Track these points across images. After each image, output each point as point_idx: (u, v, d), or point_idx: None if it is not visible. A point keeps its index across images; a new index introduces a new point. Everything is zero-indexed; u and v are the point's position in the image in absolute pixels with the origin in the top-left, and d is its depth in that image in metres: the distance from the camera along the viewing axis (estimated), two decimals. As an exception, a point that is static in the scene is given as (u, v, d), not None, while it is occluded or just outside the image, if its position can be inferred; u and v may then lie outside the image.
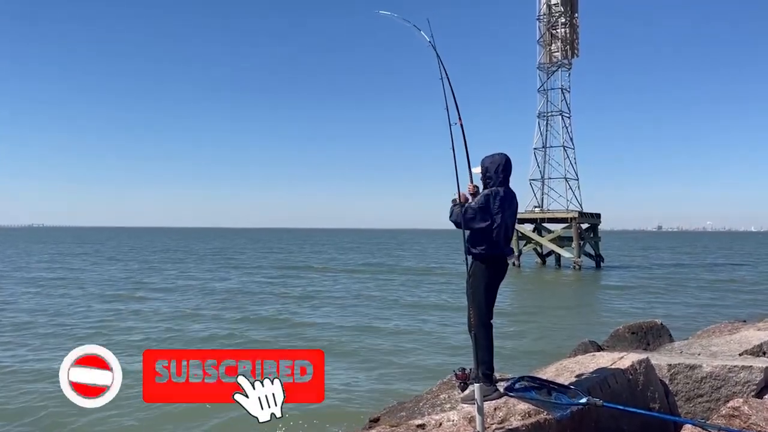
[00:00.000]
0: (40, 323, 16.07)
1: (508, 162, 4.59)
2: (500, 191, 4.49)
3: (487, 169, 4.56)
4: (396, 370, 11.12)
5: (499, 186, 4.53)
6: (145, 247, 75.34)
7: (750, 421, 4.19)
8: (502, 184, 4.55)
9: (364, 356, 12.28)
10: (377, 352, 12.65)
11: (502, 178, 4.54)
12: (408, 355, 12.45)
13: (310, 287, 26.88)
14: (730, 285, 30.11)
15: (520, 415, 4.21)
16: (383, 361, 11.79)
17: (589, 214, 42.53)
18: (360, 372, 10.92)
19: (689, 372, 5.63)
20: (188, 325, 16.24)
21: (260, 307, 19.89)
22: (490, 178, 4.55)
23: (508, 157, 4.62)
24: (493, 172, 4.53)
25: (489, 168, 4.55)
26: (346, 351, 12.79)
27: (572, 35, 42.81)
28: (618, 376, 5.11)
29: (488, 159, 4.60)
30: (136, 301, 21.27)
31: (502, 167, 4.53)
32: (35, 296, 22.29)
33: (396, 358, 12.05)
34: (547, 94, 43.54)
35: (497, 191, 4.48)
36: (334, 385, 9.98)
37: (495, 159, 4.57)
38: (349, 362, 11.66)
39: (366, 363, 11.65)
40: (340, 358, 11.86)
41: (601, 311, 20.38)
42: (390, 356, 12.26)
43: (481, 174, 4.60)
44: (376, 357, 12.20)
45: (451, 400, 4.59)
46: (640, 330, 9.06)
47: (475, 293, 4.44)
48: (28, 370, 10.71)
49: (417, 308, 20.06)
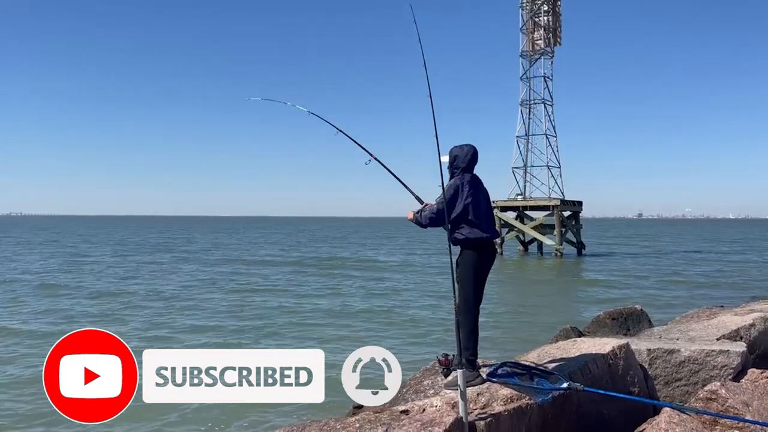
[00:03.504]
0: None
1: (475, 153, 4.75)
2: (467, 176, 4.63)
3: (456, 157, 4.69)
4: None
5: (464, 173, 4.67)
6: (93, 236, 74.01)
7: (727, 404, 4.26)
8: (467, 171, 4.70)
9: (346, 343, 12.31)
10: (356, 340, 12.67)
11: (467, 165, 4.69)
12: (388, 341, 12.49)
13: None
14: (710, 271, 30.60)
15: (503, 401, 4.25)
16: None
17: (570, 201, 42.88)
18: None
19: (668, 356, 5.73)
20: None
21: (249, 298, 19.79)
22: (457, 167, 4.69)
23: (476, 149, 4.78)
24: (461, 161, 4.67)
25: (458, 156, 4.69)
26: (329, 337, 12.81)
27: (555, 23, 42.88)
28: (599, 361, 5.18)
29: (457, 148, 4.75)
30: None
31: (470, 156, 4.69)
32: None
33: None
34: (529, 82, 43.66)
35: (463, 177, 4.63)
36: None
37: (464, 149, 4.72)
38: (331, 349, 11.68)
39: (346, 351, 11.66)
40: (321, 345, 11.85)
41: (583, 298, 20.61)
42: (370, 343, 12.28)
43: (448, 163, 4.72)
44: (355, 345, 12.21)
45: (435, 386, 4.62)
46: (621, 316, 9.18)
47: (464, 280, 4.48)
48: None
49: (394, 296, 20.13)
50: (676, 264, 35.32)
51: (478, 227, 4.49)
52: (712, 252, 48.01)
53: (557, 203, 40.42)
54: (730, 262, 37.26)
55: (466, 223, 4.49)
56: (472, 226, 4.49)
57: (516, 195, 43.87)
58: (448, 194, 4.47)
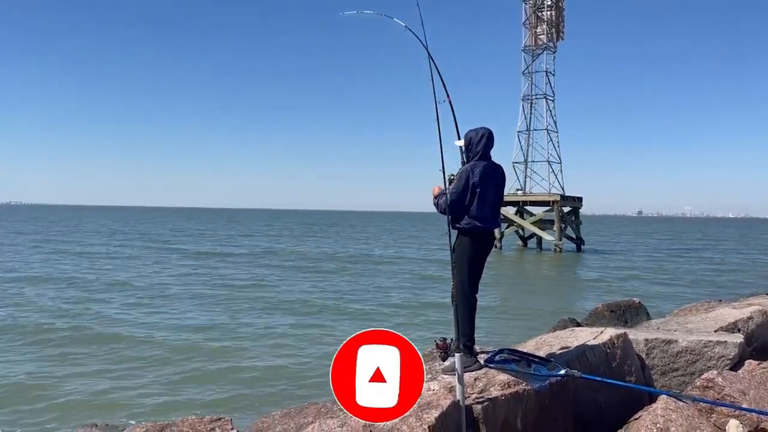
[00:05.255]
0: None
1: (491, 135, 4.65)
2: (478, 165, 4.51)
3: (470, 141, 4.60)
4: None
5: (479, 160, 4.56)
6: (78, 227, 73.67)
7: (724, 393, 4.27)
8: (483, 157, 4.58)
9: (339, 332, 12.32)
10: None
11: (483, 150, 4.58)
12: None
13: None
14: (709, 268, 30.63)
15: (500, 386, 4.24)
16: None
17: (570, 197, 42.86)
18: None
19: (665, 346, 5.73)
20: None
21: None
22: (471, 151, 4.61)
23: (492, 132, 4.68)
24: (475, 144, 4.58)
25: (473, 139, 4.60)
26: (329, 324, 12.85)
27: (558, 18, 42.77)
28: (596, 349, 5.18)
29: (472, 131, 4.66)
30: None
31: (485, 139, 4.58)
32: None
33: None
34: (531, 76, 43.61)
35: (474, 165, 4.50)
36: (314, 355, 10.13)
37: (479, 131, 4.63)
38: (329, 334, 11.71)
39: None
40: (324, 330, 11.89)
41: (581, 291, 20.64)
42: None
43: (464, 146, 4.65)
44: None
45: (432, 371, 4.60)
46: (619, 308, 9.19)
47: (460, 266, 4.45)
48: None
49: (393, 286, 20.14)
50: (675, 261, 35.35)
51: (478, 219, 4.45)
52: (711, 250, 48.04)
53: (557, 199, 40.40)
54: (729, 260, 37.29)
55: (467, 213, 4.45)
56: (473, 217, 4.45)
57: (516, 190, 43.84)
58: (455, 182, 4.44)
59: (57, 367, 9.48)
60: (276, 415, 4.03)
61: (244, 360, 10.15)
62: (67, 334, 11.82)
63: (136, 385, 8.62)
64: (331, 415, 3.74)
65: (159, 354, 10.44)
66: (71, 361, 9.89)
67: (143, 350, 10.66)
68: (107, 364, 9.72)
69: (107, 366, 9.63)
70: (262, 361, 10.03)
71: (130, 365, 9.71)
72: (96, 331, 12.09)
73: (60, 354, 10.30)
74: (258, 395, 8.25)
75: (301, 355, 10.44)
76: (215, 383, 8.76)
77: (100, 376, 9.03)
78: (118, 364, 9.80)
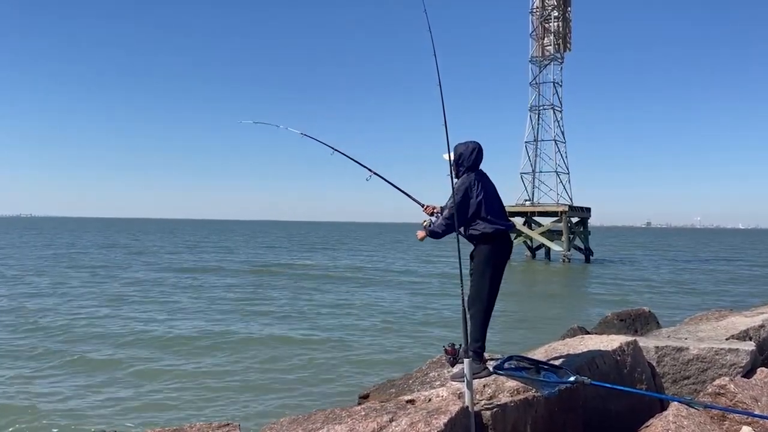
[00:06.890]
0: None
1: (481, 149, 4.70)
2: (471, 175, 4.56)
3: (461, 155, 4.62)
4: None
5: (469, 172, 4.61)
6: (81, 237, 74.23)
7: (736, 399, 4.22)
8: (472, 169, 4.63)
9: (352, 341, 12.32)
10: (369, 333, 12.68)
11: (473, 164, 4.63)
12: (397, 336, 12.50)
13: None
14: (720, 279, 30.36)
15: (509, 392, 4.22)
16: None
17: (579, 207, 42.72)
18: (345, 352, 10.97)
19: (676, 354, 5.67)
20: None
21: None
22: (462, 165, 4.63)
23: (481, 146, 4.73)
24: (467, 158, 4.61)
25: (464, 154, 4.62)
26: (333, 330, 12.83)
27: (565, 29, 42.85)
28: (606, 356, 5.14)
29: (462, 145, 4.69)
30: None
31: (476, 153, 4.62)
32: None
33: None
34: (538, 87, 43.63)
35: (468, 176, 4.55)
36: (322, 363, 10.15)
37: (469, 145, 4.66)
38: (337, 343, 11.71)
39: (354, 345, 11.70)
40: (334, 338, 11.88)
41: (590, 301, 20.51)
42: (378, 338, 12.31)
43: (453, 160, 4.62)
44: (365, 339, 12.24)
45: (441, 378, 4.59)
46: (629, 317, 9.12)
47: (480, 273, 4.44)
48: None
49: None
50: (685, 272, 35.08)
51: (492, 222, 4.47)
52: (721, 260, 47.65)
53: (565, 209, 40.26)
54: (740, 271, 36.96)
55: (480, 219, 4.46)
56: (486, 221, 4.47)
57: (524, 200, 43.75)
58: (458, 196, 4.43)
59: (66, 375, 9.53)
60: (284, 421, 4.02)
61: (254, 366, 10.21)
62: (73, 341, 11.89)
63: (144, 392, 8.66)
64: (339, 422, 3.73)
65: (168, 361, 10.48)
66: (77, 369, 9.95)
67: (152, 357, 10.71)
68: (114, 372, 9.77)
69: (114, 373, 9.67)
70: (270, 368, 10.07)
71: (138, 370, 9.79)
72: (101, 338, 12.18)
73: (69, 361, 10.36)
74: (265, 401, 8.27)
75: (309, 363, 10.43)
76: (224, 390, 8.80)
77: (108, 384, 9.07)
78: (125, 370, 9.86)
